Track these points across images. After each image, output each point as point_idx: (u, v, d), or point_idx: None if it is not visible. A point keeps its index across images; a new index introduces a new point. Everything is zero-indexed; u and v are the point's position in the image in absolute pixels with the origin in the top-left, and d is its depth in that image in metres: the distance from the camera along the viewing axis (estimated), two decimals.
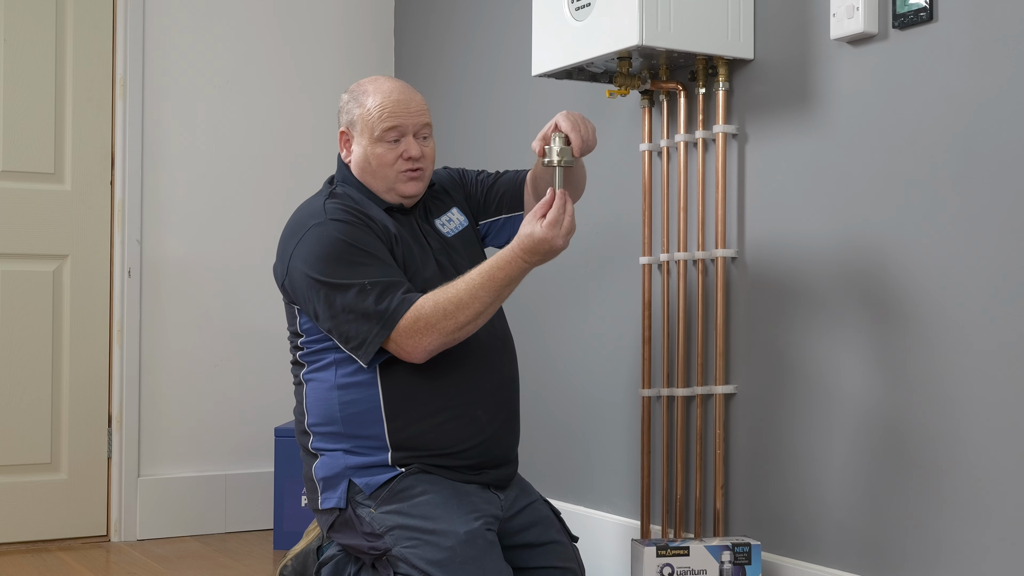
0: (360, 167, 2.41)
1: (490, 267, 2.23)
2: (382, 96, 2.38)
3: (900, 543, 2.32)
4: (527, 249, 2.20)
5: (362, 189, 2.41)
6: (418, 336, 2.22)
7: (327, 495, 2.36)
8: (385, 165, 2.38)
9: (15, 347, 3.53)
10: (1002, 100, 2.13)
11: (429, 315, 2.21)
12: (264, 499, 3.80)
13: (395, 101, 2.37)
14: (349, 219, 2.31)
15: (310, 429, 2.40)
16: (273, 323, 3.89)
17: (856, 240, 2.41)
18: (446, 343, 2.25)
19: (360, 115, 2.39)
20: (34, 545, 3.55)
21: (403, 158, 2.37)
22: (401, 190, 2.40)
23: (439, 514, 2.25)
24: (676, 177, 2.82)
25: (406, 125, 2.37)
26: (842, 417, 2.44)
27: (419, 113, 2.40)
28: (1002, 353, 2.13)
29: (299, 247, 2.33)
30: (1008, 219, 2.12)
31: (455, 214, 2.53)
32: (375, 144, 2.37)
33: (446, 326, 2.21)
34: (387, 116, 2.36)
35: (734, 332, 2.69)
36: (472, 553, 2.21)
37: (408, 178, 2.40)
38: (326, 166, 3.99)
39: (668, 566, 2.46)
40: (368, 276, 2.25)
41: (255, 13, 3.89)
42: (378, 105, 2.37)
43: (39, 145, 3.58)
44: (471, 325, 2.24)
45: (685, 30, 2.55)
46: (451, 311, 2.21)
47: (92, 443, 3.63)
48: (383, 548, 2.27)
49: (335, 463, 2.36)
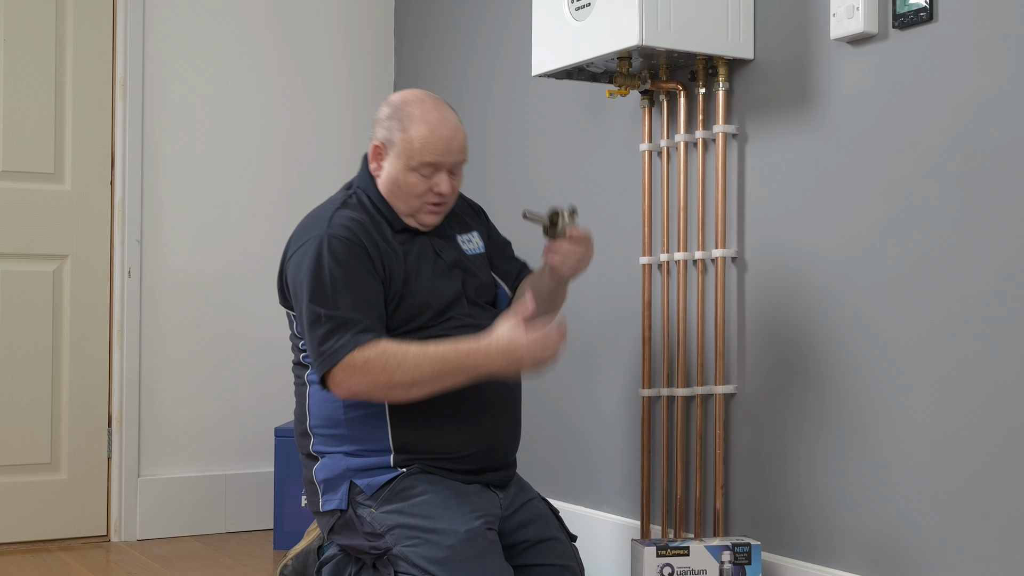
0: (388, 187, 2.40)
1: (459, 351, 2.22)
2: (427, 129, 2.35)
3: (900, 543, 2.32)
4: (504, 356, 2.21)
5: (382, 204, 2.40)
6: (350, 373, 2.23)
7: (328, 497, 2.36)
8: (413, 194, 2.38)
9: (15, 347, 3.53)
10: (1002, 100, 2.13)
11: (371, 360, 2.21)
12: (264, 499, 3.80)
13: (440, 138, 2.35)
14: (347, 239, 2.31)
15: (312, 431, 2.41)
16: (273, 323, 3.89)
17: (856, 240, 2.41)
18: (373, 394, 2.25)
19: (401, 139, 2.36)
20: (34, 545, 3.55)
21: (432, 191, 2.37)
22: (422, 220, 2.41)
23: (440, 513, 2.25)
24: (676, 177, 2.82)
25: (443, 163, 2.37)
26: (842, 417, 2.44)
27: (459, 152, 2.39)
28: (1002, 353, 2.13)
29: (295, 255, 2.36)
30: (1008, 218, 2.12)
31: (475, 237, 2.54)
32: (408, 172, 2.36)
33: (380, 379, 2.21)
34: (428, 152, 2.35)
35: (734, 332, 2.69)
36: (473, 552, 2.21)
37: (431, 211, 2.40)
38: (326, 165, 4.00)
39: (668, 566, 2.46)
40: (332, 306, 2.25)
41: (255, 13, 3.89)
42: (422, 138, 2.35)
43: (39, 145, 3.58)
44: (403, 390, 2.23)
45: (685, 30, 2.55)
46: (392, 367, 2.21)
47: (92, 443, 3.63)
48: (384, 547, 2.28)
49: (336, 465, 2.36)
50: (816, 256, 2.50)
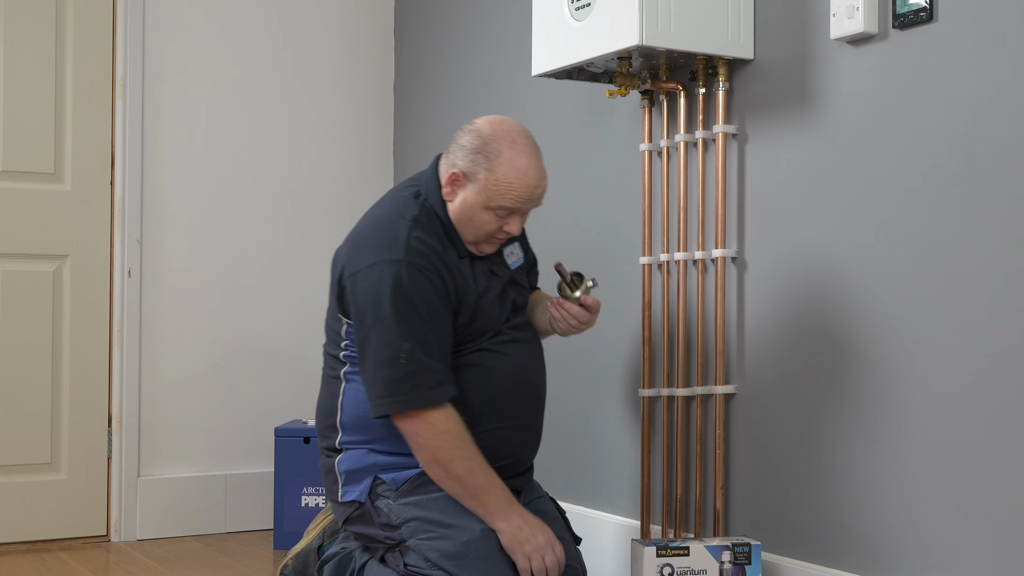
0: (459, 216, 2.36)
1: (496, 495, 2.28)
2: (516, 175, 2.31)
3: (900, 543, 2.32)
4: (516, 535, 2.28)
5: (450, 228, 2.37)
6: (424, 428, 2.26)
7: (349, 488, 2.38)
8: (483, 230, 2.36)
9: (15, 347, 3.53)
10: (1002, 100, 2.13)
11: (449, 432, 2.26)
12: (264, 499, 3.80)
13: (525, 187, 2.32)
14: (426, 269, 2.29)
15: (341, 426, 2.41)
16: (273, 323, 3.90)
17: (856, 240, 2.41)
18: (421, 454, 2.28)
19: (485, 179, 2.31)
20: (34, 545, 3.55)
21: (503, 230, 2.36)
22: (482, 249, 2.41)
23: (457, 510, 2.29)
24: (676, 177, 2.82)
25: (523, 209, 2.36)
26: (842, 417, 2.44)
27: (540, 199, 2.37)
28: (1003, 353, 2.13)
29: (368, 273, 2.30)
30: (1008, 218, 2.12)
31: (517, 249, 2.54)
32: (484, 210, 2.33)
33: (441, 454, 2.26)
34: (512, 199, 2.32)
35: (734, 332, 2.69)
36: (485, 551, 2.25)
37: (494, 244, 2.41)
38: (326, 165, 4.00)
39: (668, 566, 2.45)
40: (413, 346, 2.25)
41: (255, 13, 3.89)
42: (509, 184, 2.31)
43: (39, 145, 3.58)
44: (440, 470, 2.27)
45: (685, 30, 2.55)
46: (458, 455, 2.26)
47: (92, 443, 3.63)
48: (398, 539, 2.31)
49: (362, 459, 2.38)
50: (816, 256, 2.50)
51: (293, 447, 3.54)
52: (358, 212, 4.06)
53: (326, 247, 3.98)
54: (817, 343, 2.50)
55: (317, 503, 3.52)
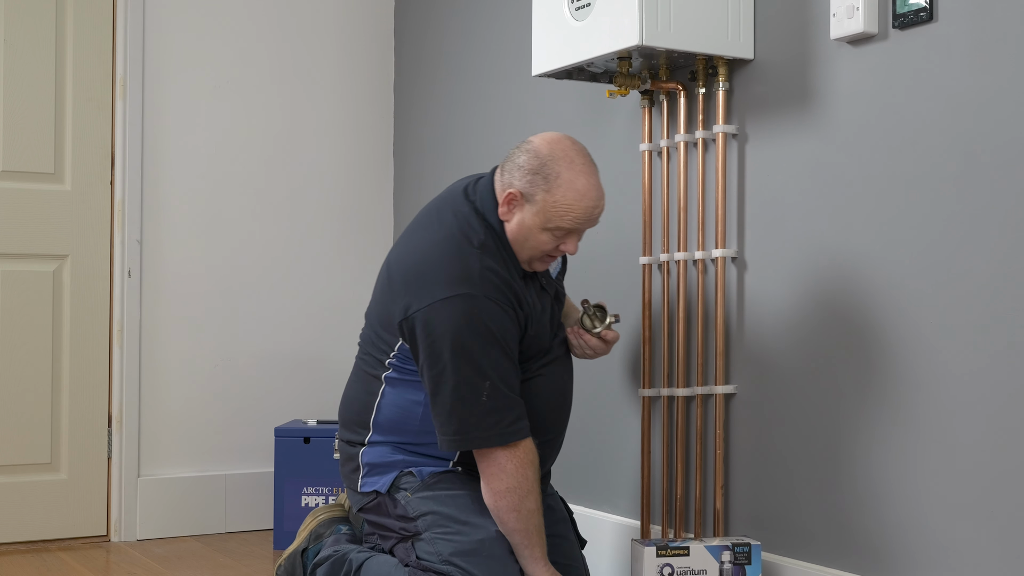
0: (515, 236, 2.34)
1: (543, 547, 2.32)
2: (575, 197, 2.29)
3: (900, 543, 2.32)
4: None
5: (507, 248, 2.36)
6: (505, 463, 2.26)
7: (370, 480, 2.39)
8: (540, 251, 2.35)
9: (15, 347, 3.53)
10: (1002, 100, 2.13)
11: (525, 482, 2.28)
12: (264, 499, 3.80)
13: (584, 208, 2.30)
14: (501, 301, 2.28)
15: (373, 425, 2.42)
16: (273, 323, 3.90)
17: (856, 240, 2.41)
18: (488, 492, 2.29)
19: (544, 200, 2.29)
20: (34, 545, 3.55)
21: (559, 249, 2.36)
22: (536, 267, 2.40)
23: (474, 509, 2.32)
24: (676, 177, 2.82)
25: (581, 230, 2.35)
26: (841, 417, 2.44)
27: (597, 219, 2.36)
28: (1003, 353, 2.13)
29: (444, 307, 2.25)
30: (1008, 219, 2.12)
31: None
32: (542, 231, 2.32)
33: (509, 499, 2.28)
34: (570, 220, 2.30)
35: (734, 332, 2.69)
36: (498, 552, 2.28)
37: (547, 262, 2.40)
38: (326, 165, 4.00)
39: (668, 566, 2.45)
40: (496, 375, 2.25)
41: (255, 13, 3.89)
42: (567, 205, 2.29)
43: (39, 145, 3.58)
44: (502, 511, 2.28)
45: (685, 30, 2.55)
46: (526, 505, 2.28)
47: (92, 443, 3.63)
48: (413, 531, 2.32)
49: (387, 455, 2.39)
50: (816, 256, 2.50)
51: (293, 447, 3.54)
52: (358, 212, 4.09)
53: (326, 247, 3.99)
54: (817, 343, 2.50)
55: (317, 503, 3.52)
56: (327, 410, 3.95)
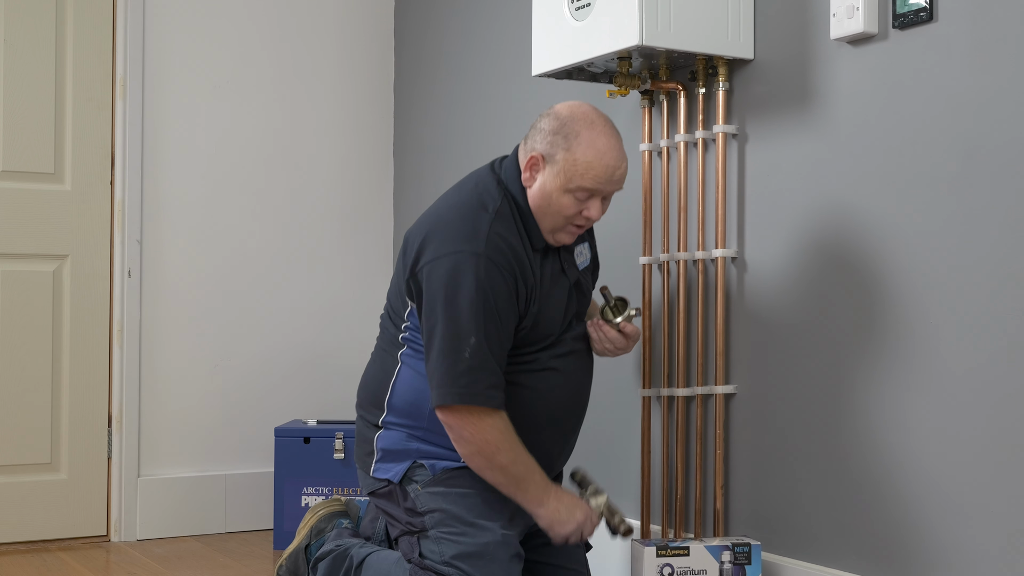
0: (537, 201, 2.34)
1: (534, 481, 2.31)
2: (595, 155, 2.28)
3: (900, 543, 2.32)
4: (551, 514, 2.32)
5: (528, 218, 2.35)
6: (471, 422, 2.26)
7: (384, 466, 2.39)
8: (563, 215, 2.33)
9: (15, 347, 3.53)
10: (1002, 100, 2.13)
11: (494, 427, 2.26)
12: (264, 499, 3.80)
13: (605, 166, 2.29)
14: (504, 267, 2.27)
15: (388, 406, 2.41)
16: (273, 323, 3.90)
17: (855, 240, 2.41)
18: (462, 446, 2.28)
19: (564, 159, 2.29)
20: (34, 545, 3.55)
21: (582, 215, 2.33)
22: (560, 239, 2.38)
23: (482, 511, 2.31)
24: (676, 177, 2.82)
25: (603, 191, 2.32)
26: (841, 417, 2.44)
27: (620, 181, 2.34)
28: (1002, 352, 2.13)
29: (446, 262, 2.27)
30: (1008, 219, 2.12)
31: (586, 249, 2.53)
32: (564, 193, 2.31)
33: (485, 447, 2.26)
34: (590, 178, 2.29)
35: (734, 332, 2.69)
36: (502, 556, 2.28)
37: (572, 232, 2.37)
38: (326, 165, 4.00)
39: (668, 566, 2.45)
40: (479, 341, 2.24)
41: (255, 13, 3.89)
42: (587, 162, 2.28)
43: (39, 145, 3.58)
44: (482, 462, 2.28)
45: (685, 30, 2.55)
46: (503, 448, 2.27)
47: (92, 443, 3.63)
48: (420, 527, 2.32)
49: (401, 442, 2.38)
50: (816, 256, 2.50)
51: (293, 447, 3.54)
52: (358, 212, 4.09)
53: (326, 247, 3.99)
54: (817, 343, 2.50)
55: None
56: (327, 410, 3.95)
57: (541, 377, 2.38)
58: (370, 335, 3.99)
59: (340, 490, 3.48)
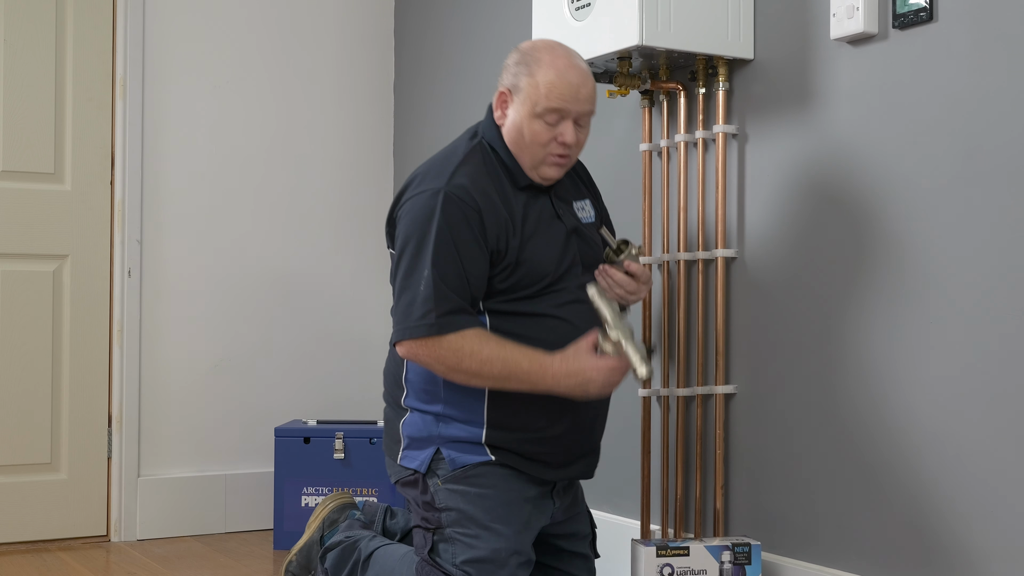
0: (512, 136, 2.34)
1: (530, 364, 2.22)
2: (555, 74, 2.29)
3: (900, 543, 2.32)
4: (570, 379, 2.23)
5: (507, 156, 2.35)
6: (425, 349, 2.23)
7: (410, 454, 2.37)
8: (537, 143, 2.32)
9: (15, 347, 3.53)
10: (1002, 100, 2.13)
11: (454, 348, 2.22)
12: (264, 499, 3.80)
13: (567, 83, 2.29)
14: (464, 201, 2.26)
15: (406, 383, 2.39)
16: (273, 323, 3.90)
17: (856, 240, 2.41)
18: (435, 368, 2.26)
19: (528, 84, 2.30)
20: (34, 545, 3.55)
21: (557, 141, 2.32)
22: (544, 172, 2.35)
23: (499, 514, 2.28)
24: (676, 177, 2.82)
25: (570, 110, 2.31)
26: (842, 417, 2.44)
27: (586, 100, 2.32)
28: (1002, 352, 2.13)
29: (409, 202, 2.31)
30: (1007, 218, 2.12)
31: (588, 206, 2.49)
32: (533, 119, 2.31)
33: (449, 360, 2.22)
34: (555, 98, 2.29)
35: (734, 332, 2.69)
36: (512, 563, 2.27)
37: (554, 163, 2.34)
38: (326, 165, 4.00)
39: (668, 566, 2.45)
40: (433, 273, 2.22)
41: (255, 13, 3.89)
42: (549, 83, 2.29)
43: (39, 145, 3.58)
44: (463, 376, 2.24)
45: (685, 30, 2.55)
46: (464, 354, 2.22)
47: (92, 443, 3.63)
48: (435, 523, 2.31)
49: (427, 429, 2.35)
50: (816, 256, 2.50)
51: (293, 447, 3.54)
52: (358, 212, 4.09)
53: (326, 247, 3.99)
54: (817, 343, 2.50)
55: (317, 503, 3.52)
56: (327, 410, 3.95)
57: (547, 327, 2.31)
58: (370, 334, 4.00)
59: (340, 490, 3.48)
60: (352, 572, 2.48)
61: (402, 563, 2.38)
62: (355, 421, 3.73)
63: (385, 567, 2.41)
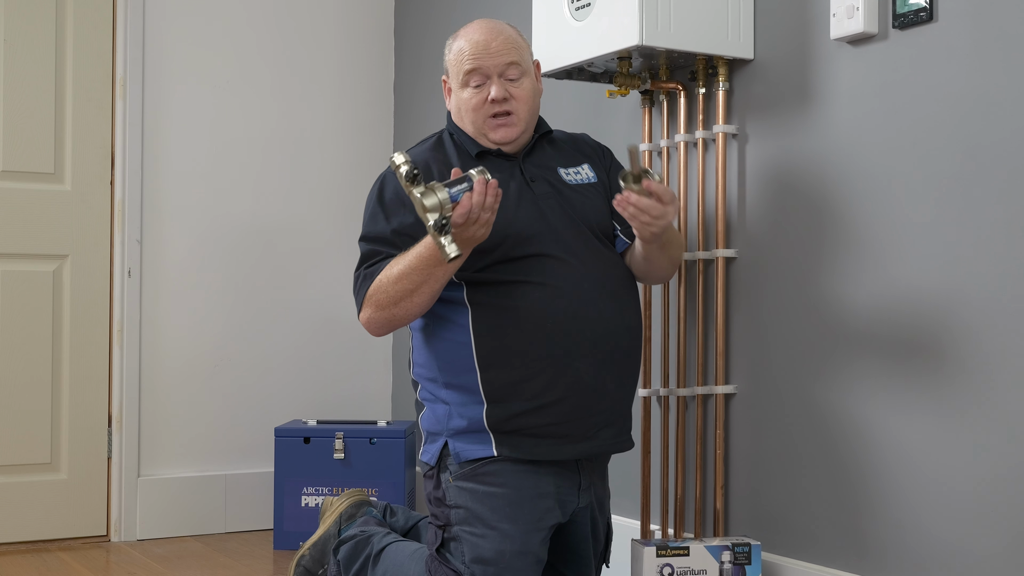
0: (456, 115, 2.42)
1: (418, 249, 2.21)
2: (465, 39, 2.39)
3: (900, 543, 2.32)
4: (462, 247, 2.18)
5: (457, 132, 2.42)
6: (365, 308, 2.30)
7: (426, 448, 2.40)
8: (471, 110, 2.36)
9: (15, 347, 3.53)
10: (1002, 100, 2.13)
11: (374, 289, 2.27)
12: (264, 499, 3.80)
13: (474, 43, 2.36)
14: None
15: (417, 379, 2.43)
16: (273, 323, 3.90)
17: (856, 240, 2.41)
18: (387, 317, 2.27)
19: (449, 62, 2.42)
20: (34, 545, 3.55)
21: (489, 102, 2.34)
22: (492, 137, 2.36)
23: (507, 513, 2.27)
24: (676, 177, 2.82)
25: (487, 67, 2.34)
26: (841, 417, 2.44)
27: (500, 53, 2.35)
28: (1002, 352, 2.13)
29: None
30: (1008, 218, 2.12)
31: (585, 169, 2.45)
32: (462, 90, 2.38)
33: (381, 298, 2.26)
34: (467, 59, 2.35)
35: (734, 332, 2.69)
36: (519, 564, 2.26)
37: (496, 124, 2.35)
38: (326, 165, 4.00)
39: (668, 566, 2.46)
40: (379, 241, 2.32)
41: (255, 13, 3.89)
42: (460, 49, 2.38)
43: (39, 145, 3.58)
44: (407, 301, 2.23)
45: (685, 30, 2.55)
46: (377, 292, 2.26)
47: (92, 443, 3.63)
48: (444, 520, 2.32)
49: (438, 422, 2.35)
50: (816, 256, 2.50)
51: (293, 447, 3.54)
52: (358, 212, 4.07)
53: (326, 247, 3.99)
54: (817, 343, 2.50)
55: (317, 503, 3.52)
56: (327, 410, 3.95)
57: (522, 293, 2.25)
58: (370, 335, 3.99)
59: (340, 490, 3.48)
60: (364, 566, 2.49)
61: (412, 559, 2.40)
62: (355, 421, 3.73)
63: (395, 562, 2.43)
